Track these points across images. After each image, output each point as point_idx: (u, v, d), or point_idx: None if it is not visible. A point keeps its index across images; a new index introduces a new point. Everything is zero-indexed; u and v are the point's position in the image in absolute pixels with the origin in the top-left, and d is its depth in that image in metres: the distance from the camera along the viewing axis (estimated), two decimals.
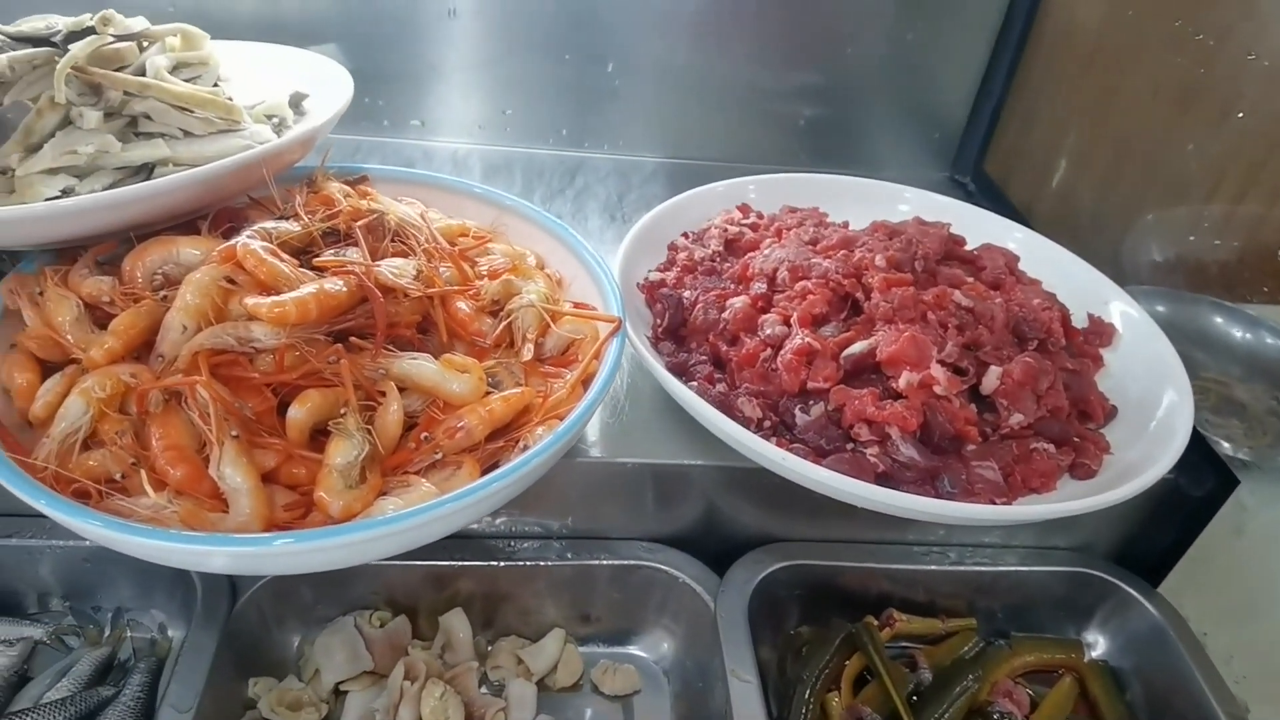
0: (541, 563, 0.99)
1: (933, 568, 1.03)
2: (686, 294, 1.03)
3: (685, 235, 1.16)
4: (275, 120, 1.04)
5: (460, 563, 0.98)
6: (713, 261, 1.10)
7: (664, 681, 1.00)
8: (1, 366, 0.80)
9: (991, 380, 0.92)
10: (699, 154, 1.49)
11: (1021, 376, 0.92)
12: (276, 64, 1.14)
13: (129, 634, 0.97)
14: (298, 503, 0.73)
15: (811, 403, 0.91)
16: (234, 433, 0.72)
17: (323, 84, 1.09)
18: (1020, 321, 0.99)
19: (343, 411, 0.75)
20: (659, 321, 1.01)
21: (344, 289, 0.79)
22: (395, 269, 0.84)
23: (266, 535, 0.67)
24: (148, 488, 0.68)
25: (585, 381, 0.86)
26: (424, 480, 0.75)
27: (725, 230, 1.14)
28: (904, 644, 1.03)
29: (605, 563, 0.99)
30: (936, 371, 0.89)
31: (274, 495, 0.72)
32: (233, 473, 0.70)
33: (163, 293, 0.81)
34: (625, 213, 1.35)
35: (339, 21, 1.32)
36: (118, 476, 0.72)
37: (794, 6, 1.41)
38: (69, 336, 0.80)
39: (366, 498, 0.72)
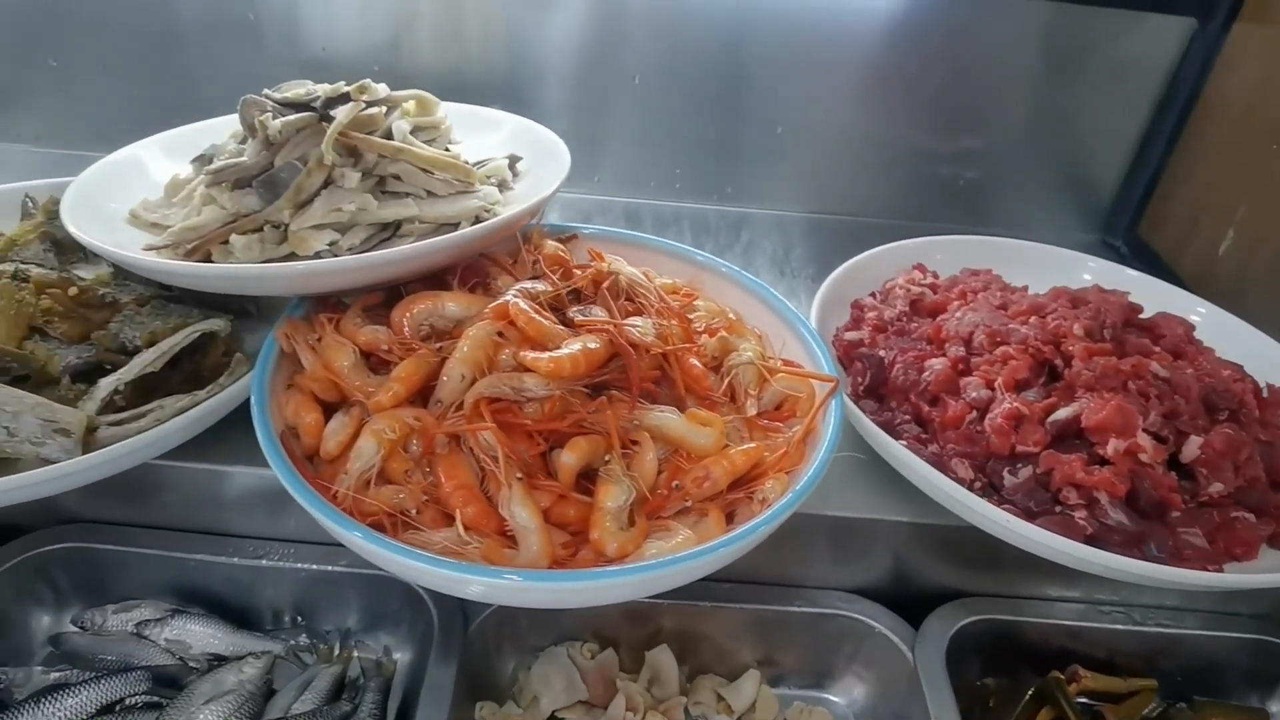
0: (740, 605, 1.04)
1: (1115, 627, 1.06)
2: (882, 353, 1.08)
3: (873, 295, 1.21)
4: (496, 181, 1.13)
5: (664, 601, 1.03)
6: (900, 321, 1.15)
7: None
8: (287, 405, 0.89)
9: (1192, 449, 0.96)
10: (855, 210, 1.55)
11: (1223, 447, 0.95)
12: (489, 125, 1.23)
13: (356, 654, 1.04)
14: (570, 542, 0.80)
15: (1019, 465, 0.95)
16: (519, 475, 0.79)
17: (534, 148, 1.18)
18: (1211, 391, 1.02)
19: (607, 459, 0.82)
20: (860, 380, 1.06)
21: (600, 346, 0.86)
22: (639, 328, 0.90)
23: (592, 570, 0.74)
24: (460, 529, 0.75)
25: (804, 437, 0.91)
26: (681, 526, 0.81)
27: (909, 290, 1.19)
28: (1086, 700, 1.05)
29: (801, 610, 1.04)
30: (1143, 439, 0.93)
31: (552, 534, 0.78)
32: (522, 512, 0.77)
33: (438, 345, 0.88)
34: (793, 268, 1.41)
35: (530, 83, 1.42)
36: (412, 511, 0.79)
37: (951, 71, 1.47)
38: (350, 380, 0.88)
39: (637, 540, 0.78)
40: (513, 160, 1.17)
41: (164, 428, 0.87)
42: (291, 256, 0.98)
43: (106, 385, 0.89)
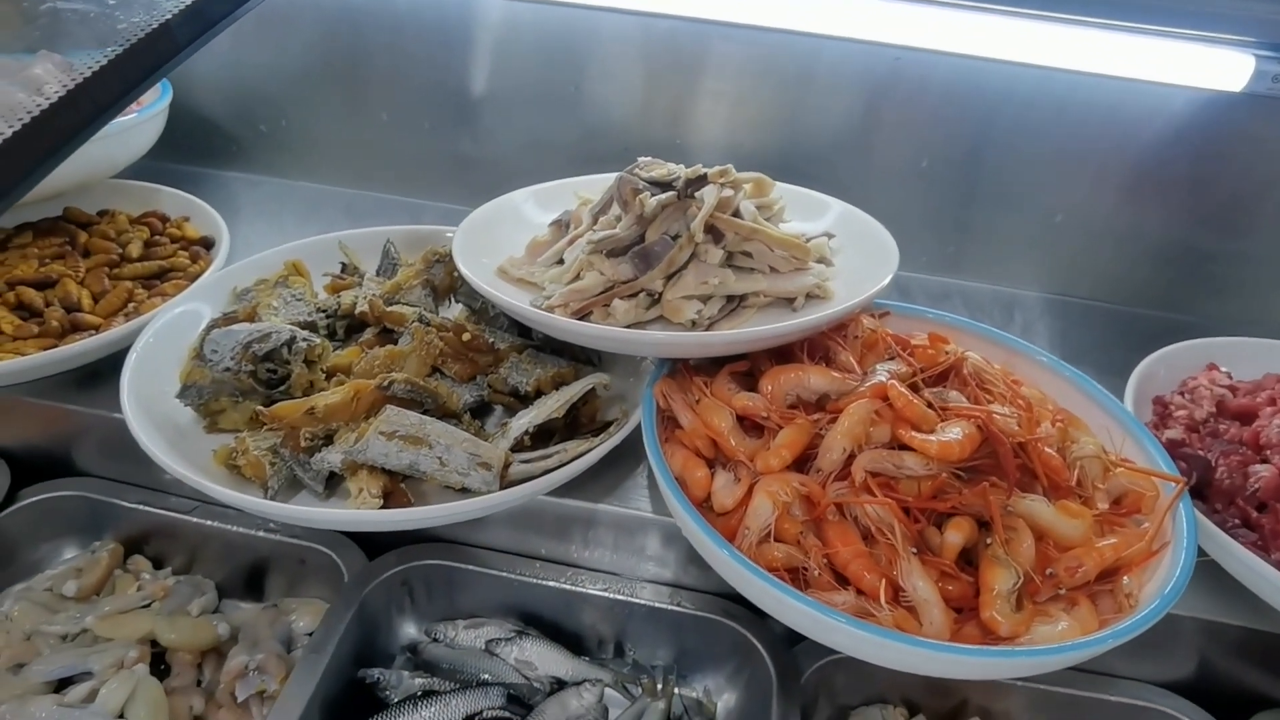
0: (1048, 687, 1.07)
1: None
2: (1205, 454, 1.10)
3: (1181, 394, 1.23)
4: (818, 258, 1.21)
5: (966, 678, 1.07)
6: (1210, 422, 1.17)
7: None
8: (672, 459, 0.98)
9: None
10: (1126, 300, 1.58)
11: None
12: (817, 208, 1.31)
13: (676, 690, 1.12)
14: (956, 619, 0.85)
15: None
16: (914, 549, 0.85)
17: (857, 234, 1.25)
18: None
19: (988, 541, 0.88)
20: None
21: (975, 432, 0.92)
22: (1005, 415, 0.96)
23: (1004, 649, 0.80)
24: (882, 594, 0.81)
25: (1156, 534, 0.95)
26: (1061, 613, 0.85)
27: (1213, 391, 1.21)
28: None
29: (1111, 698, 1.06)
30: None
31: None
32: (923, 586, 0.83)
33: (814, 416, 0.96)
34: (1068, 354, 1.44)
35: (816, 164, 1.51)
36: (814, 572, 0.86)
37: (1233, 172, 1.48)
38: (731, 441, 0.97)
39: (1027, 622, 0.83)
40: (828, 237, 1.25)
41: (565, 469, 0.97)
42: (659, 321, 1.09)
43: (519, 427, 1.00)
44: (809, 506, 0.91)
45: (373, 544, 1.16)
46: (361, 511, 0.91)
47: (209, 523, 1.19)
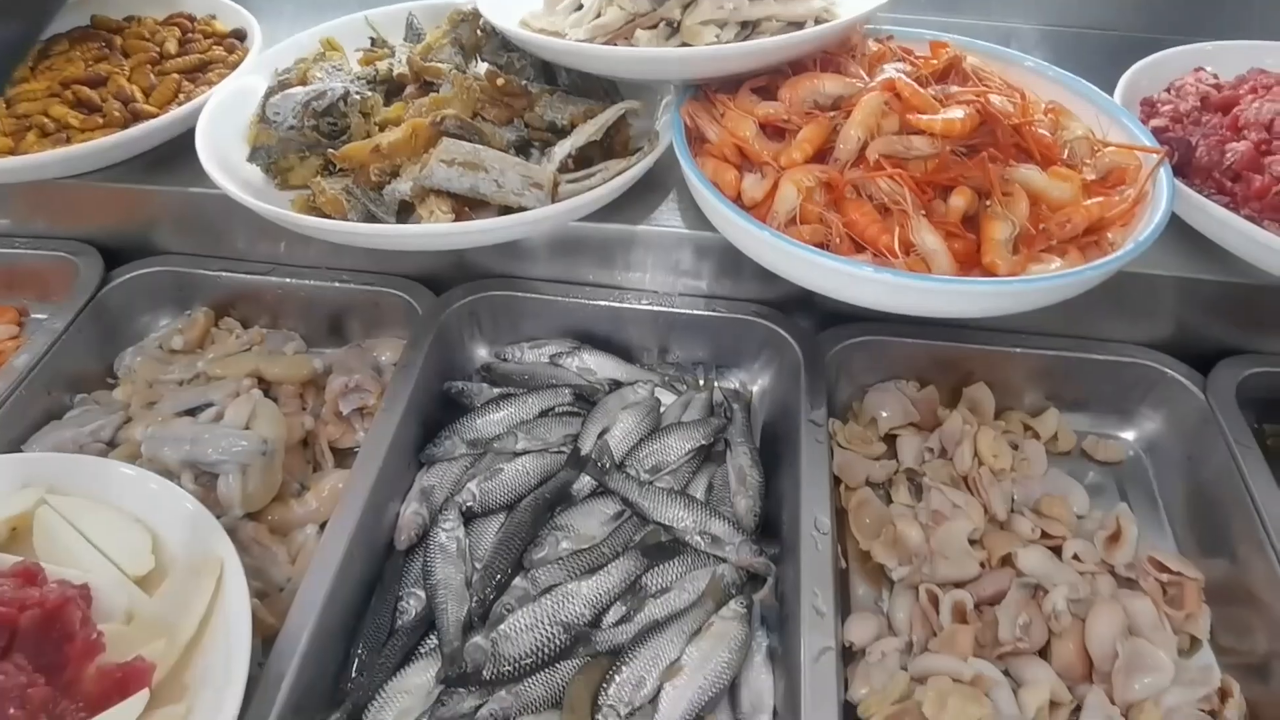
0: (1042, 351, 1.22)
1: None
2: (1187, 136, 1.21)
3: (1169, 90, 1.32)
4: None
5: (975, 347, 1.22)
6: (1194, 114, 1.27)
7: (1145, 458, 1.23)
8: (704, 167, 1.09)
9: None
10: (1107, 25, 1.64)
11: None
12: None
13: (715, 384, 1.28)
14: (960, 270, 0.98)
15: None
16: (922, 211, 0.98)
17: None
18: None
19: (987, 204, 1.00)
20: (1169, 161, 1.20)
21: (973, 114, 1.03)
22: (999, 101, 1.06)
23: (1003, 280, 0.94)
24: (897, 246, 0.94)
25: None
26: (1053, 258, 0.99)
27: (1198, 88, 1.30)
28: None
29: (1098, 357, 1.21)
30: None
31: None
32: (930, 237, 0.96)
33: (830, 114, 1.06)
34: None
35: None
36: (836, 241, 0.99)
37: None
38: (755, 145, 1.08)
39: (1023, 264, 0.97)
40: None
41: (610, 184, 1.09)
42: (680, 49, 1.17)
43: (561, 151, 1.11)
44: (829, 191, 1.03)
45: (439, 286, 1.30)
46: (439, 225, 1.04)
47: (287, 280, 1.33)
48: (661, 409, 1.23)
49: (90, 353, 1.31)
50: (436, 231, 1.04)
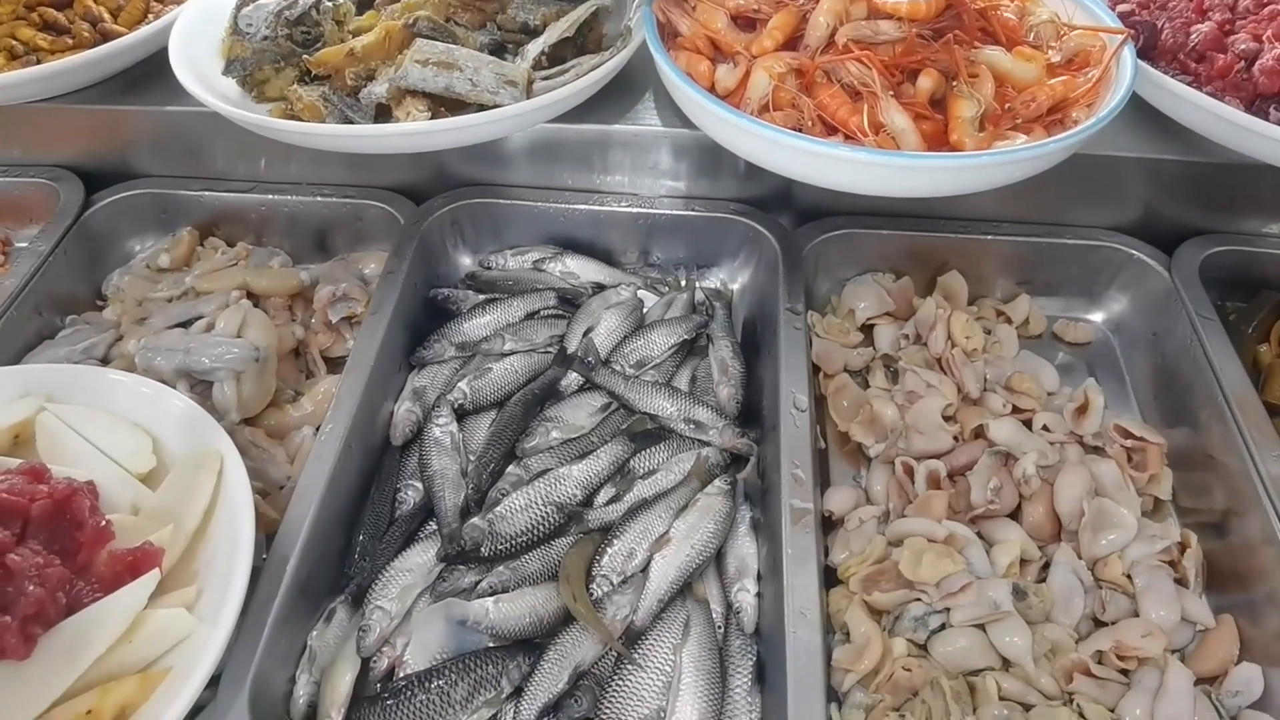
0: (1012, 238, 1.25)
1: None
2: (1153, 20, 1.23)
3: None
4: None
5: (949, 235, 1.25)
6: None
7: (1112, 338, 1.27)
8: (678, 60, 1.10)
9: None
10: None
11: None
12: None
13: (697, 284, 1.31)
14: (929, 148, 1.01)
15: None
16: (891, 92, 1.00)
17: None
18: None
19: (954, 84, 1.02)
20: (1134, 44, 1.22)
21: None
22: None
23: (971, 154, 0.96)
24: (866, 124, 0.96)
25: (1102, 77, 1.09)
26: (1020, 134, 1.01)
27: None
28: None
29: (1067, 241, 1.25)
30: None
31: None
32: (898, 117, 0.98)
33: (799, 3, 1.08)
34: None
35: None
36: (808, 124, 1.01)
37: None
38: (728, 37, 1.09)
39: (989, 141, 0.99)
40: None
41: (583, 81, 1.10)
42: None
43: (534, 48, 1.12)
44: (800, 77, 1.05)
45: (419, 196, 1.31)
46: (416, 124, 1.05)
47: (269, 197, 1.34)
48: (644, 310, 1.25)
49: (77, 276, 1.32)
50: (414, 130, 1.05)
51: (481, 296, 1.26)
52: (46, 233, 1.30)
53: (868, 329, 1.25)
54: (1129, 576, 0.98)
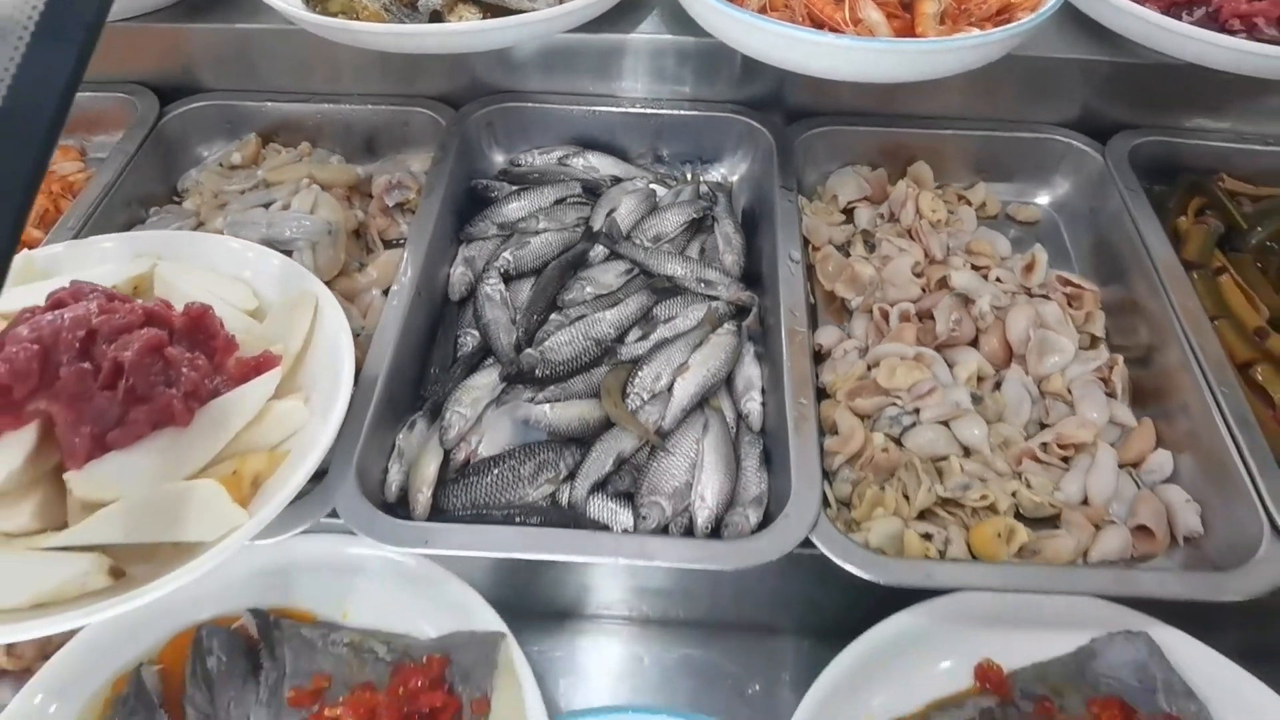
0: (970, 132, 1.47)
1: (1254, 147, 1.45)
2: None
3: None
4: None
5: (914, 130, 1.46)
6: None
7: (1056, 216, 1.49)
8: None
9: None
10: None
11: None
12: None
13: (701, 178, 1.51)
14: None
15: (1195, 8, 1.32)
16: None
17: None
18: None
19: None
20: None
21: None
22: None
23: (938, 39, 1.16)
24: (846, 21, 1.17)
25: None
26: (972, 28, 1.22)
27: None
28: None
29: (1017, 135, 1.46)
30: None
31: None
32: (874, 13, 1.19)
33: None
34: None
35: None
36: (800, 22, 1.21)
37: None
38: None
39: (951, 32, 1.20)
40: None
41: None
42: None
43: None
44: None
45: (457, 103, 1.50)
46: (470, 24, 1.24)
47: (325, 106, 1.53)
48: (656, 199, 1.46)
49: (155, 177, 1.50)
50: (467, 29, 1.24)
51: (514, 187, 1.46)
52: (127, 139, 1.48)
53: (849, 212, 1.46)
54: (1069, 390, 1.20)
